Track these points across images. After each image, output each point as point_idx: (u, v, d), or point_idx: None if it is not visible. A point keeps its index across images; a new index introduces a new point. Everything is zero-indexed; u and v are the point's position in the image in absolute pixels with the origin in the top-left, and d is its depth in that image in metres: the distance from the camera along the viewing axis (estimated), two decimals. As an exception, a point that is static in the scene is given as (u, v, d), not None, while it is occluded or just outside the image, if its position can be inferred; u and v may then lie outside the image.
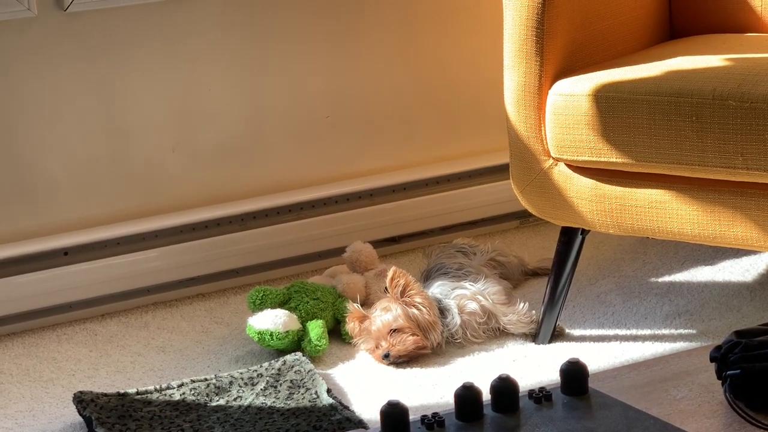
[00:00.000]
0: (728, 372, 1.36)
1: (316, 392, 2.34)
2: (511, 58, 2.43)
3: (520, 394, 1.38)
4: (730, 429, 1.29)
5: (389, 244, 3.03)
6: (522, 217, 3.16)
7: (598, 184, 2.38)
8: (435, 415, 1.36)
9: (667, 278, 2.80)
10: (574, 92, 2.35)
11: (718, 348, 1.39)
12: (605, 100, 2.31)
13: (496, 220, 3.15)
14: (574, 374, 1.40)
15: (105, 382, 2.49)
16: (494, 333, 2.58)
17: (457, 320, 2.55)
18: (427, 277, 2.69)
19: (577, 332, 2.58)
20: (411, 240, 3.08)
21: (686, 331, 2.55)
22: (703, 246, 2.94)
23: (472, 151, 3.15)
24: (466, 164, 3.11)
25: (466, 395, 1.36)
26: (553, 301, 2.52)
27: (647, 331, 2.56)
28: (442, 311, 2.56)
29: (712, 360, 1.39)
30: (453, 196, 3.09)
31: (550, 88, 2.40)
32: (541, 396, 1.39)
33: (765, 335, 1.47)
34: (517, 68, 2.42)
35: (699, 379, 1.40)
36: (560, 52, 2.43)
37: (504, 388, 1.37)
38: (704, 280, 2.78)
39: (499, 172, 3.11)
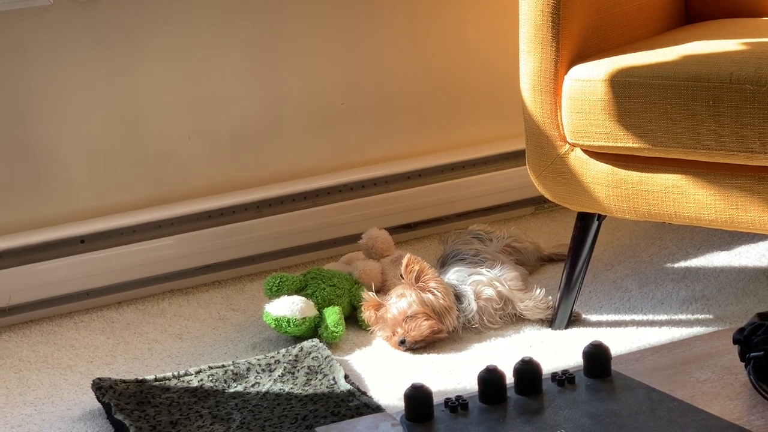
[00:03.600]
0: (752, 354, 1.36)
1: (333, 378, 2.34)
2: (527, 44, 2.43)
3: (543, 377, 1.39)
4: (754, 410, 1.29)
5: (405, 231, 3.03)
6: (537, 203, 3.16)
7: (615, 169, 2.38)
8: (458, 398, 1.36)
9: (683, 263, 2.80)
10: (591, 77, 2.35)
11: (741, 330, 1.39)
12: (621, 85, 2.31)
13: (511, 207, 3.15)
14: (597, 357, 1.40)
15: (123, 369, 2.49)
16: (510, 319, 2.58)
17: (474, 306, 2.55)
18: (443, 264, 2.69)
19: (593, 318, 2.58)
20: (426, 226, 3.08)
21: (703, 316, 2.55)
22: (718, 231, 2.93)
23: (487, 137, 3.15)
24: (481, 150, 3.11)
25: (490, 378, 1.36)
26: (569, 286, 2.52)
27: (664, 317, 2.55)
28: (459, 297, 2.56)
29: (735, 342, 1.39)
30: (468, 182, 3.09)
31: (566, 74, 2.39)
32: (564, 379, 1.39)
33: (788, 317, 1.47)
34: (533, 54, 2.42)
35: (722, 361, 1.40)
36: (576, 38, 2.42)
37: (527, 370, 1.37)
38: (720, 265, 2.78)
39: (514, 158, 3.11)
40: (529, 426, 1.29)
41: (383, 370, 2.42)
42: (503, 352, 2.46)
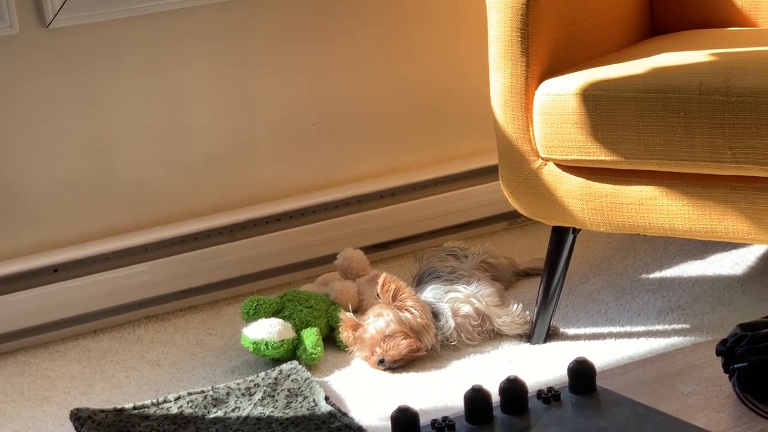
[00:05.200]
0: (735, 365, 1.36)
1: (314, 400, 2.33)
2: (497, 60, 2.44)
3: (528, 395, 1.39)
4: (739, 422, 1.29)
5: (378, 250, 3.03)
6: (510, 218, 3.17)
7: (588, 182, 2.39)
8: (445, 419, 1.36)
9: (658, 274, 2.81)
10: (561, 92, 2.35)
11: (723, 342, 1.39)
12: (593, 98, 2.32)
13: (484, 223, 3.15)
14: (582, 373, 1.40)
15: (101, 398, 2.48)
16: (489, 335, 2.58)
17: (452, 323, 2.55)
18: (419, 282, 2.69)
19: (571, 331, 2.58)
20: (400, 245, 3.08)
21: (680, 326, 2.55)
22: (692, 241, 2.95)
23: (458, 154, 3.16)
24: (452, 167, 3.12)
25: (476, 397, 1.36)
26: (546, 300, 2.53)
27: (641, 328, 2.56)
28: (436, 315, 2.56)
29: (718, 354, 1.40)
30: (440, 199, 3.10)
31: (536, 89, 2.40)
32: (549, 396, 1.39)
33: (770, 328, 1.47)
34: (503, 69, 2.43)
35: (705, 373, 1.40)
36: (545, 52, 2.43)
37: (512, 389, 1.37)
38: (695, 274, 2.79)
39: (485, 174, 3.12)
40: (518, 445, 1.29)
41: (363, 391, 2.41)
42: (483, 368, 2.46)
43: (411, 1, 3.04)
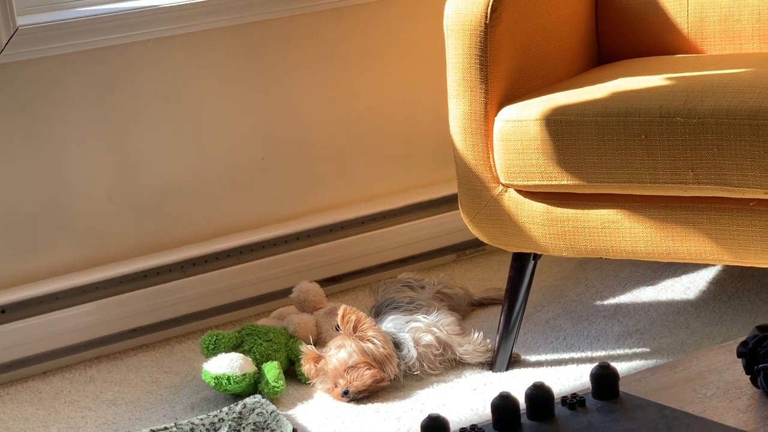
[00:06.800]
0: (760, 365, 1.37)
1: (281, 433, 2.30)
2: (456, 87, 2.44)
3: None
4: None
5: (330, 284, 3.01)
6: (459, 250, 3.17)
7: (550, 207, 2.39)
8: (473, 426, 1.35)
9: (612, 300, 2.83)
10: (522, 117, 2.37)
11: (744, 343, 1.40)
12: (554, 123, 2.33)
13: (433, 255, 3.15)
14: (605, 378, 1.39)
15: (59, 439, 2.42)
16: (450, 364, 2.57)
17: (414, 353, 2.53)
18: (377, 313, 2.67)
19: (533, 358, 2.58)
20: (351, 278, 3.06)
21: (640, 349, 2.57)
22: (642, 267, 2.97)
23: (407, 186, 3.15)
24: (401, 200, 3.11)
25: (503, 405, 1.35)
26: (508, 328, 2.53)
27: (602, 353, 2.57)
28: (398, 345, 2.54)
29: (739, 355, 1.40)
30: (390, 232, 3.09)
31: (496, 115, 2.41)
32: (574, 402, 1.38)
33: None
34: (462, 97, 2.43)
35: (724, 376, 1.41)
36: (503, 80, 2.44)
37: (539, 395, 1.36)
38: (648, 300, 2.81)
39: (435, 206, 3.13)
40: (551, 451, 1.29)
41: (329, 423, 2.39)
42: (448, 396, 2.44)
43: (359, 36, 3.04)
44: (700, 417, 1.28)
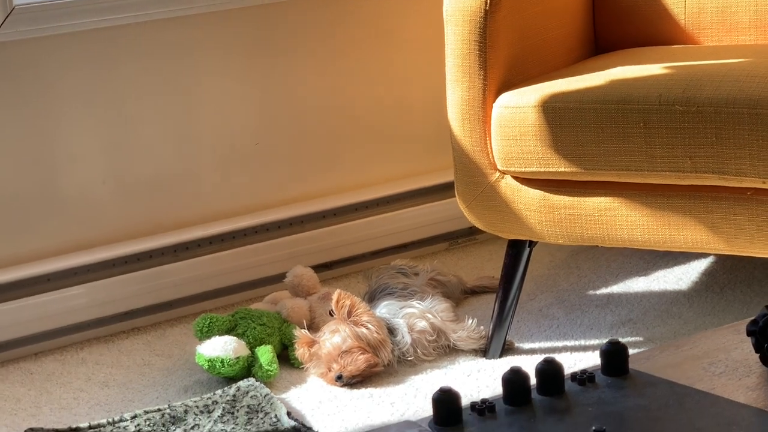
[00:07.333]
0: (772, 343, 1.37)
1: (275, 416, 2.29)
2: (454, 73, 2.44)
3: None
4: (780, 398, 1.30)
5: (321, 270, 3.00)
6: (451, 238, 3.17)
7: (547, 194, 2.40)
8: (484, 401, 1.35)
9: (604, 290, 2.83)
10: (520, 104, 2.37)
11: (754, 322, 1.40)
12: (552, 110, 2.33)
13: (425, 243, 3.15)
14: (615, 354, 1.40)
15: (50, 419, 2.40)
16: (444, 350, 2.57)
17: (408, 339, 2.53)
18: (371, 299, 2.67)
19: (526, 345, 2.58)
20: (342, 265, 3.06)
21: (633, 338, 2.57)
22: (635, 258, 2.98)
23: (401, 174, 3.15)
24: (395, 188, 3.11)
25: (515, 379, 1.35)
26: (502, 315, 2.53)
27: (595, 341, 2.57)
28: (392, 330, 2.54)
29: (749, 334, 1.41)
30: (383, 219, 3.09)
31: (494, 102, 2.41)
32: (584, 377, 1.39)
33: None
34: (460, 83, 2.43)
35: (733, 355, 1.41)
36: (502, 66, 2.44)
37: (549, 371, 1.36)
38: (640, 290, 2.82)
39: (428, 194, 3.12)
40: (562, 425, 1.29)
41: (322, 406, 2.38)
42: (441, 382, 2.44)
43: (356, 22, 3.04)
44: (710, 393, 1.29)
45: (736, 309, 2.66)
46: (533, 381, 1.36)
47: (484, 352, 2.55)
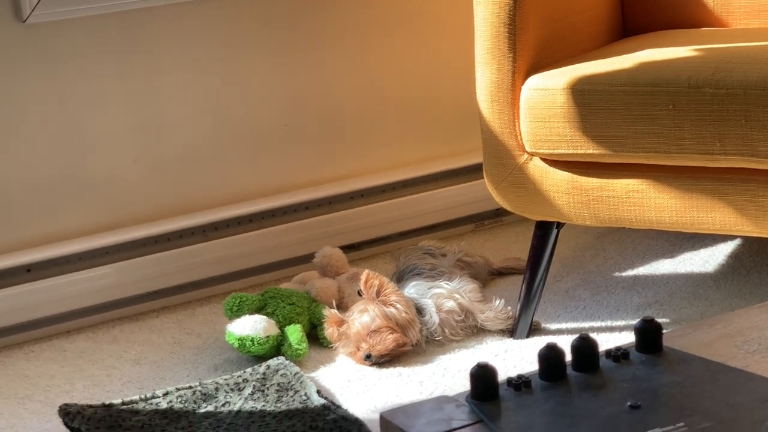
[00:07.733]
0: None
1: (305, 394, 2.32)
2: (483, 55, 2.45)
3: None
4: (813, 376, 1.32)
5: (348, 251, 3.02)
6: (477, 220, 3.19)
7: (575, 176, 2.41)
8: (520, 376, 1.37)
9: (630, 272, 2.85)
10: (549, 86, 2.38)
11: (787, 301, 1.42)
12: (581, 92, 2.34)
13: (451, 224, 3.16)
14: (649, 332, 1.42)
15: (83, 396, 2.44)
16: (472, 330, 2.59)
17: (436, 319, 2.55)
18: (399, 279, 2.69)
19: (553, 326, 2.60)
20: (369, 246, 3.08)
21: (660, 320, 2.55)
22: (660, 240, 2.99)
23: (428, 156, 3.17)
24: (422, 169, 3.13)
25: (550, 355, 1.37)
26: (529, 296, 2.54)
27: (622, 322, 2.59)
28: (420, 310, 2.56)
29: (785, 312, 1.43)
30: (409, 201, 3.10)
31: (523, 84, 2.42)
32: (619, 354, 1.41)
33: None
34: (489, 65, 2.45)
35: (766, 333, 1.43)
36: (531, 49, 2.46)
37: (585, 347, 1.38)
38: (667, 272, 2.83)
39: (455, 176, 3.14)
40: (598, 400, 1.30)
41: (351, 385, 2.41)
42: (469, 362, 2.46)
43: (385, 3, 3.05)
44: (744, 371, 1.31)
45: (762, 291, 2.67)
46: (568, 358, 1.38)
47: (511, 332, 2.57)
